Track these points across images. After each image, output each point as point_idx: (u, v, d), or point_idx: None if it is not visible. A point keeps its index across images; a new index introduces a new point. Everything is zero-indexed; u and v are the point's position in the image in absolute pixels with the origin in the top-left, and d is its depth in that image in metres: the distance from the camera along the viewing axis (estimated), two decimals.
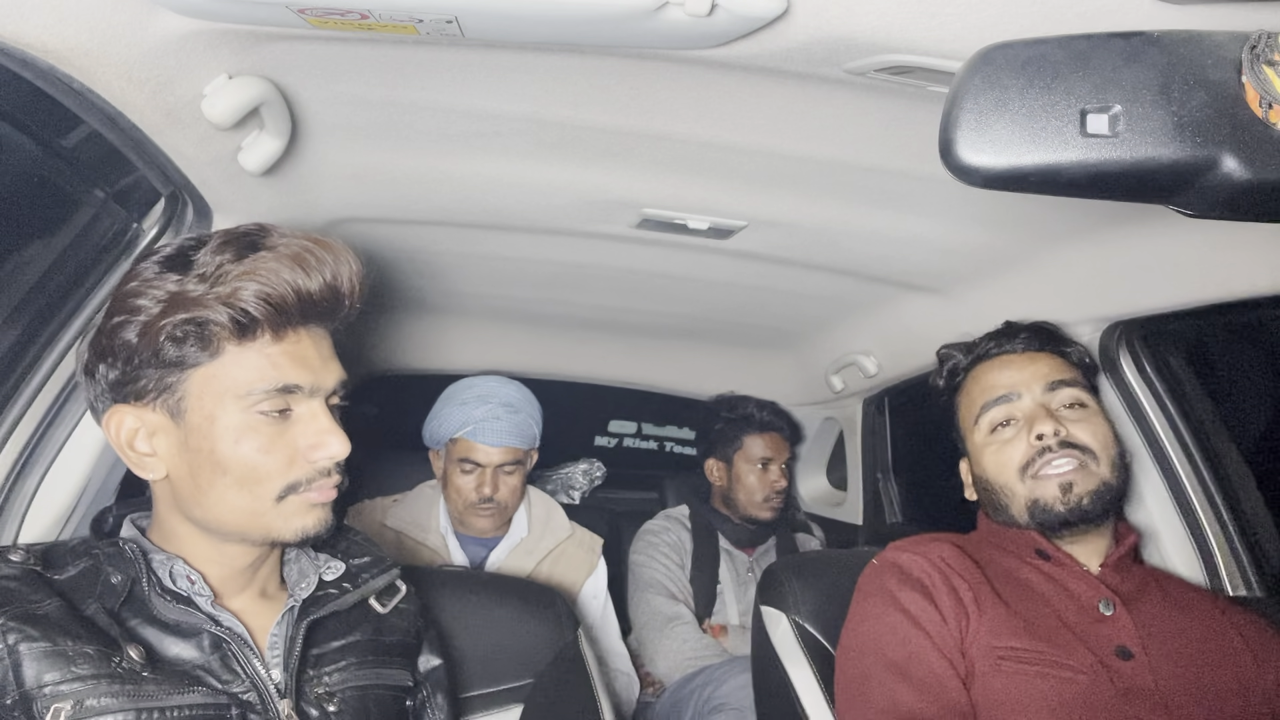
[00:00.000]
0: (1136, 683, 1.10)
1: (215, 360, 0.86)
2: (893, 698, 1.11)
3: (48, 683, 0.77)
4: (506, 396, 1.85)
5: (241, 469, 0.86)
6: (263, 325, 0.86)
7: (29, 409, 1.06)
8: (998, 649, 1.12)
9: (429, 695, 1.07)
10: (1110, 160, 0.54)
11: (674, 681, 2.00)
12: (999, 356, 1.32)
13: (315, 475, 0.89)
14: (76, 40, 0.77)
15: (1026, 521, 1.22)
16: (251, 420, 0.87)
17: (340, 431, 0.90)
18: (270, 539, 0.90)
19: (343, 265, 0.91)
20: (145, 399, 0.88)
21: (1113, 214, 1.24)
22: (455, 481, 1.84)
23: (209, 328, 0.85)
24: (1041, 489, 1.19)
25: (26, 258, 1.05)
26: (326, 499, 0.91)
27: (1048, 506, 1.19)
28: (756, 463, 2.28)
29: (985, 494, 1.29)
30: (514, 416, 1.83)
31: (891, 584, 1.20)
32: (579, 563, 1.94)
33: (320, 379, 0.91)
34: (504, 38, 0.86)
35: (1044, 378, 1.26)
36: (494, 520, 1.85)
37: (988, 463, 1.27)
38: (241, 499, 0.87)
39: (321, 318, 0.92)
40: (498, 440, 1.80)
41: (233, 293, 0.85)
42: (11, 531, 1.08)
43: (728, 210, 1.38)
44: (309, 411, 0.90)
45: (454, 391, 1.90)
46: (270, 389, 0.87)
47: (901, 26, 0.78)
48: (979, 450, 1.29)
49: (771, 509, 2.27)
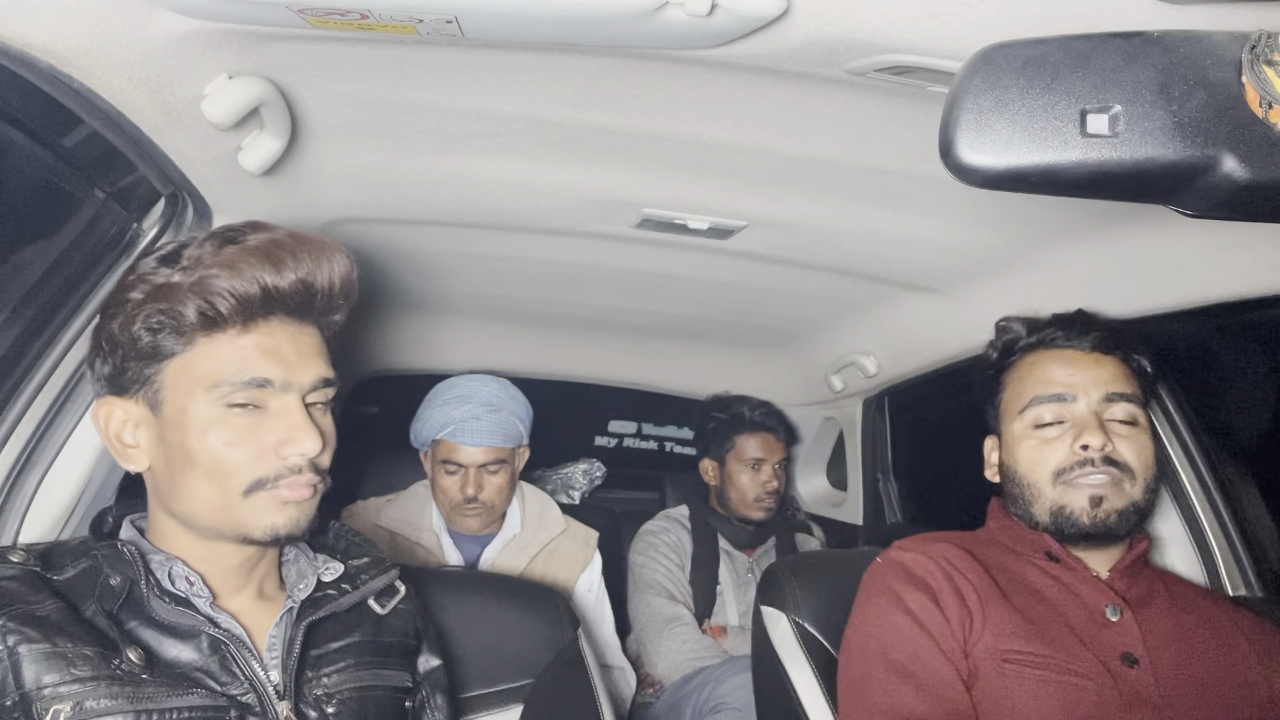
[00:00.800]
0: (1140, 689, 1.09)
1: (187, 351, 0.87)
2: (894, 699, 1.10)
3: (47, 684, 0.77)
4: (487, 395, 1.84)
5: (209, 462, 0.86)
6: (229, 317, 0.86)
7: (29, 409, 1.06)
8: (1002, 651, 1.11)
9: (428, 696, 1.07)
10: (1110, 160, 0.54)
11: (673, 682, 2.00)
12: (1065, 349, 1.24)
13: (285, 472, 0.88)
14: (76, 40, 0.77)
15: (1046, 524, 1.19)
16: (220, 413, 0.86)
17: (312, 428, 0.88)
18: (241, 535, 0.89)
19: (322, 262, 0.90)
20: (130, 391, 0.89)
21: (1113, 214, 1.24)
22: (440, 482, 1.84)
23: (181, 319, 0.85)
24: (1071, 497, 1.16)
25: (27, 258, 1.05)
26: (299, 497, 0.89)
27: (1074, 516, 1.16)
28: (748, 463, 2.27)
29: (1010, 484, 1.25)
30: (495, 415, 1.81)
31: (895, 584, 1.19)
32: (573, 557, 1.93)
33: (295, 374, 0.89)
34: (504, 38, 0.86)
35: (1105, 386, 1.19)
36: (481, 520, 1.85)
37: (1021, 455, 1.22)
38: (211, 492, 0.87)
39: (296, 312, 0.91)
40: (478, 440, 1.79)
41: (200, 283, 0.85)
42: (11, 531, 1.08)
43: (728, 210, 1.38)
44: (282, 407, 0.88)
45: (435, 392, 1.89)
46: (239, 381, 0.86)
47: (901, 26, 0.78)
48: (1015, 439, 1.23)
49: (764, 509, 2.26)
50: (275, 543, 0.90)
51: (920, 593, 1.16)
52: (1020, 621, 1.13)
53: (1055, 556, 1.20)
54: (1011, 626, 1.13)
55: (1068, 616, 1.15)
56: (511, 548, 1.89)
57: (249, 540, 0.89)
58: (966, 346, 1.74)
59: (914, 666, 1.12)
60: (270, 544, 0.90)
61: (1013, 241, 1.41)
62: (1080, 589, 1.18)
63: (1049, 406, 1.20)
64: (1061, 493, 1.17)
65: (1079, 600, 1.17)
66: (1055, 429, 1.19)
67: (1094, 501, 1.15)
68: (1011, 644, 1.11)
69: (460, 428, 1.79)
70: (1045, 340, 1.25)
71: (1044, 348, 1.25)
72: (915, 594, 1.16)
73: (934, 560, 1.20)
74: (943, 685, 1.10)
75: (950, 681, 1.10)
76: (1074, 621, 1.15)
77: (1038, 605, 1.17)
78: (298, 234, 0.91)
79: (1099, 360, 1.22)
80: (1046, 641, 1.11)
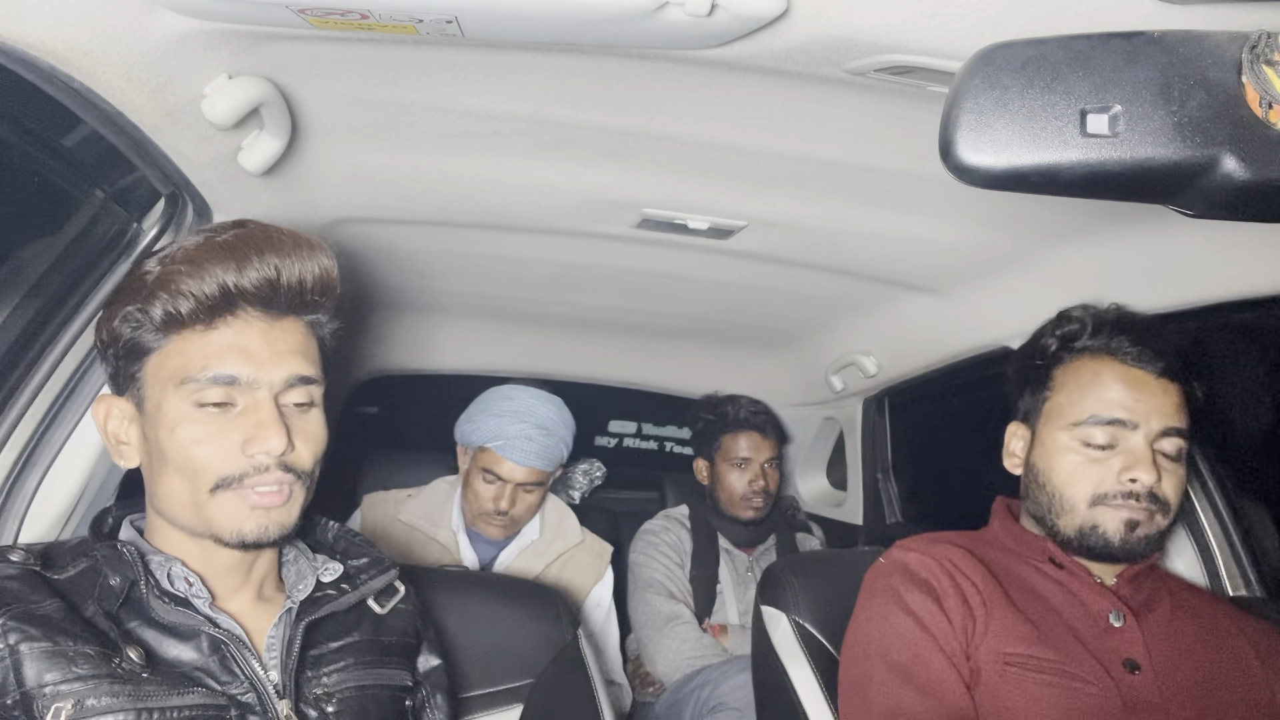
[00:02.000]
0: (1142, 696, 1.09)
1: (161, 349, 0.88)
2: (895, 700, 1.10)
3: (48, 683, 0.77)
4: (543, 417, 1.84)
5: (178, 458, 0.86)
6: (190, 316, 0.86)
7: (29, 409, 1.06)
8: (1004, 654, 1.10)
9: (428, 695, 1.07)
10: (1110, 160, 0.54)
11: (673, 682, 2.00)
12: (1134, 368, 1.16)
13: (251, 470, 0.86)
14: (76, 40, 0.77)
15: (1069, 537, 1.16)
16: (189, 410, 0.86)
17: (279, 425, 0.86)
18: (212, 535, 0.88)
19: (291, 258, 0.89)
20: (124, 389, 0.91)
21: (1113, 214, 1.24)
22: (475, 486, 1.84)
23: (151, 317, 0.86)
24: (1106, 519, 1.13)
25: (26, 258, 1.05)
26: (268, 503, 0.87)
27: (1105, 538, 1.13)
28: (734, 462, 2.27)
29: (1035, 486, 1.20)
30: (546, 439, 1.82)
31: (898, 584, 1.18)
32: (588, 569, 1.94)
33: (264, 372, 0.88)
34: (504, 38, 0.86)
35: (1165, 419, 1.14)
36: (504, 531, 1.86)
37: (1060, 466, 1.17)
38: (182, 489, 0.87)
39: (269, 308, 0.90)
40: (525, 460, 1.80)
41: (165, 281, 0.86)
42: (11, 531, 1.08)
43: (728, 210, 1.38)
44: (250, 404, 0.87)
45: (491, 399, 1.89)
46: (205, 378, 0.86)
47: (901, 26, 0.78)
48: (1057, 447, 1.17)
49: (752, 509, 2.26)
50: (243, 548, 0.89)
51: (923, 594, 1.16)
52: (1023, 625, 1.13)
53: (1059, 562, 1.19)
54: (1014, 629, 1.12)
55: (1070, 621, 1.15)
56: (528, 553, 1.89)
57: (219, 542, 0.88)
58: (966, 346, 1.74)
59: (915, 668, 1.11)
60: (239, 548, 0.89)
61: (1013, 241, 1.41)
62: (1084, 594, 1.17)
63: (1107, 430, 1.14)
64: (1096, 514, 1.14)
65: (1082, 605, 1.16)
66: (1106, 452, 1.14)
67: (1129, 526, 1.12)
68: (1014, 647, 1.11)
69: (510, 444, 1.80)
70: (1116, 351, 1.17)
71: (1109, 356, 1.17)
72: (918, 595, 1.16)
73: (937, 561, 1.19)
74: (944, 687, 1.10)
75: (952, 683, 1.10)
76: (1077, 626, 1.14)
77: (1041, 609, 1.16)
78: (273, 230, 0.90)
79: (1166, 388, 1.15)
80: (1049, 645, 1.11)
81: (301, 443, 0.90)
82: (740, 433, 2.29)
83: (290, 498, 0.89)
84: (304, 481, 0.91)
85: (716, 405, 2.36)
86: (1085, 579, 1.17)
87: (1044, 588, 1.19)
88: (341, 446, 0.95)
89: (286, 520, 0.90)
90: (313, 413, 0.93)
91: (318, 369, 0.93)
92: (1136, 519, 1.12)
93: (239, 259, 0.87)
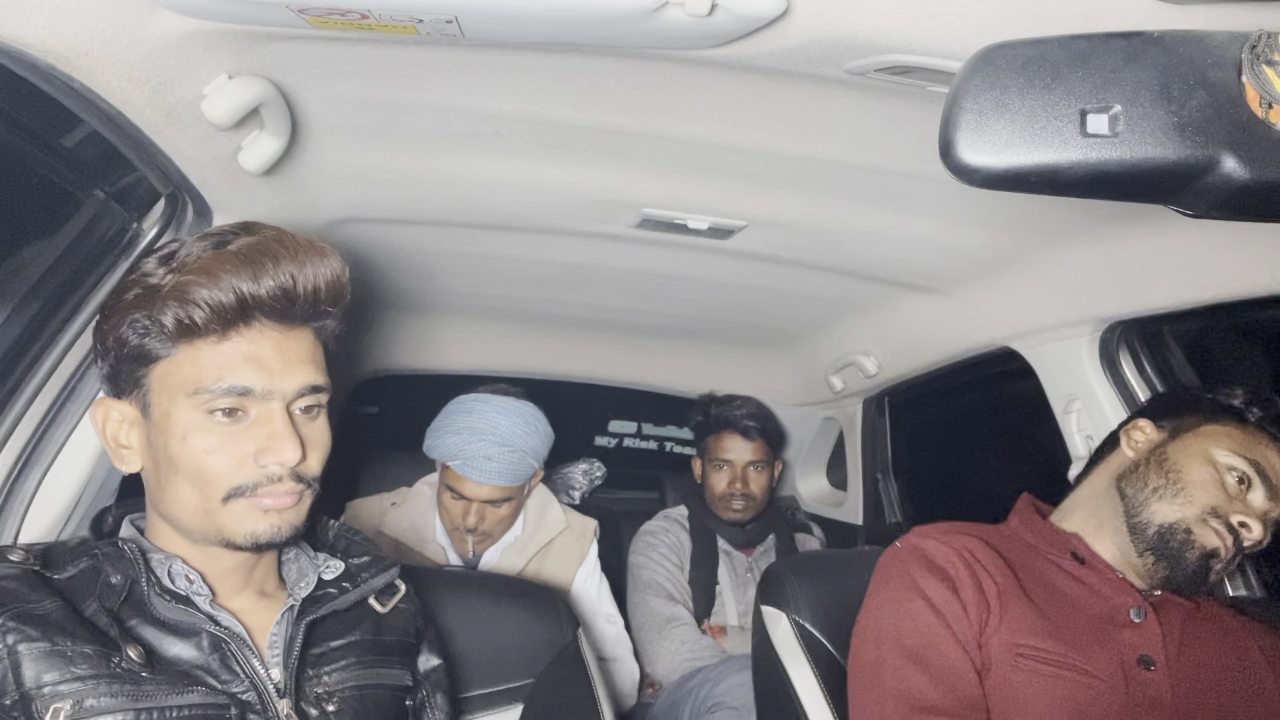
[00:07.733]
0: (1153, 693, 1.09)
1: (171, 357, 0.86)
2: (907, 685, 1.10)
3: (47, 683, 0.77)
4: (505, 433, 1.74)
5: (190, 467, 0.85)
6: (205, 326, 0.84)
7: (29, 409, 1.06)
8: (1017, 646, 1.11)
9: (428, 695, 1.07)
10: (1110, 160, 0.54)
11: (672, 682, 2.00)
12: None
13: (264, 480, 0.86)
14: (76, 40, 0.77)
15: (1161, 524, 1.13)
16: (201, 419, 0.85)
17: (292, 437, 0.86)
18: (223, 540, 0.88)
19: (306, 266, 0.88)
20: (125, 392, 0.89)
21: (1113, 214, 1.24)
22: (444, 502, 1.83)
23: (161, 326, 0.85)
24: (1208, 538, 1.11)
25: (26, 258, 1.05)
26: (281, 505, 0.87)
27: (1187, 575, 1.11)
28: (715, 463, 2.28)
29: (1157, 473, 1.17)
30: (508, 455, 1.73)
31: (914, 570, 1.18)
32: (571, 554, 1.93)
33: (278, 382, 0.87)
34: (504, 38, 0.86)
35: None
36: (476, 546, 1.84)
37: (1194, 476, 1.14)
38: (192, 497, 0.86)
39: (282, 317, 0.89)
40: (486, 479, 1.73)
41: (179, 290, 0.84)
42: (11, 531, 1.08)
43: (728, 210, 1.38)
44: (263, 414, 0.87)
45: (452, 414, 1.81)
46: (218, 389, 0.85)
47: (901, 26, 0.78)
48: (1198, 458, 1.15)
49: (731, 510, 2.25)
50: (257, 549, 0.89)
51: (939, 581, 1.15)
52: (1037, 618, 1.13)
53: (1081, 558, 1.19)
54: (1028, 622, 1.12)
55: (1087, 615, 1.15)
56: (511, 550, 1.89)
57: (232, 545, 0.88)
58: (966, 346, 1.74)
59: (929, 654, 1.11)
60: (253, 550, 0.89)
61: (1013, 241, 1.41)
62: (1104, 589, 1.17)
63: (1242, 491, 1.14)
64: (1201, 529, 1.12)
65: (1102, 599, 1.16)
66: (1237, 485, 1.13)
67: (1217, 560, 1.11)
68: (1027, 639, 1.11)
69: (470, 464, 1.73)
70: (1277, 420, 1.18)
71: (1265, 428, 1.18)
72: (934, 582, 1.16)
73: (955, 550, 1.19)
74: (956, 674, 1.10)
75: (964, 671, 1.10)
76: (1093, 621, 1.14)
77: (1057, 603, 1.16)
78: (285, 237, 0.89)
79: None
80: (1062, 639, 1.11)
81: (311, 450, 0.90)
82: (723, 433, 2.28)
83: (301, 499, 0.90)
84: (312, 486, 0.91)
85: (707, 406, 2.35)
86: (1108, 574, 1.17)
87: (1062, 582, 1.19)
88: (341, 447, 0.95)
89: (298, 520, 0.90)
90: (320, 418, 0.93)
91: (326, 376, 0.93)
92: (1225, 558, 1.11)
93: (255, 268, 0.85)
